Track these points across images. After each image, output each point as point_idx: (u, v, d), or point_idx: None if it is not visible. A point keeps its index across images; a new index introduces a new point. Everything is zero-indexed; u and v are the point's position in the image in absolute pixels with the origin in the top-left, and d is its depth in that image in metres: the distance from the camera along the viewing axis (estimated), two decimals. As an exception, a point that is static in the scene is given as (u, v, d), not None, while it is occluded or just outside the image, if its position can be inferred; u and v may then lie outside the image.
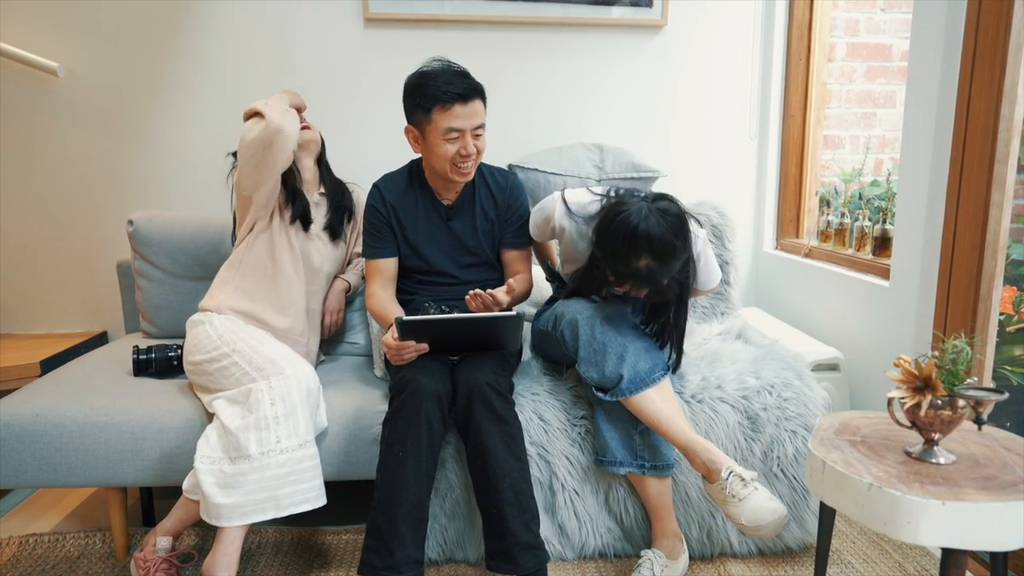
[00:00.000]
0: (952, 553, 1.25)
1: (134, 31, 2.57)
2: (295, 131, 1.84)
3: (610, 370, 1.68)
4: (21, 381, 2.18)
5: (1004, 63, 1.65)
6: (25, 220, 2.63)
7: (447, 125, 1.78)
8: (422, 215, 1.96)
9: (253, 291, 1.93)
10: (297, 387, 1.67)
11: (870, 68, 2.89)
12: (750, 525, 1.49)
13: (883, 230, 2.27)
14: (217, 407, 1.70)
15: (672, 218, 1.60)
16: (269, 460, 1.59)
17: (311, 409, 1.71)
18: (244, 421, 1.61)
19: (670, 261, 1.60)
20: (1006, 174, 1.69)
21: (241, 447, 1.58)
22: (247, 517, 1.58)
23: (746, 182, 2.91)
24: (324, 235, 2.06)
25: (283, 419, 1.62)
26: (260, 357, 1.73)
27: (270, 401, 1.63)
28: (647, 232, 1.56)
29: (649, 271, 1.59)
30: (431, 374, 1.68)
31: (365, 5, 2.61)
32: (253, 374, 1.70)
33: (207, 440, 1.64)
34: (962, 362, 1.26)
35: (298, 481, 1.62)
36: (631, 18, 2.71)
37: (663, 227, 1.58)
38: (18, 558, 1.89)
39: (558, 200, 1.85)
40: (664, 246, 1.57)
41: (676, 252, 1.60)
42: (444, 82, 1.77)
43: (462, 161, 1.82)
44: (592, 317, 1.73)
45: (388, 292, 1.95)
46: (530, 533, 1.63)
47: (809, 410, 1.85)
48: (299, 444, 1.63)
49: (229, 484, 1.58)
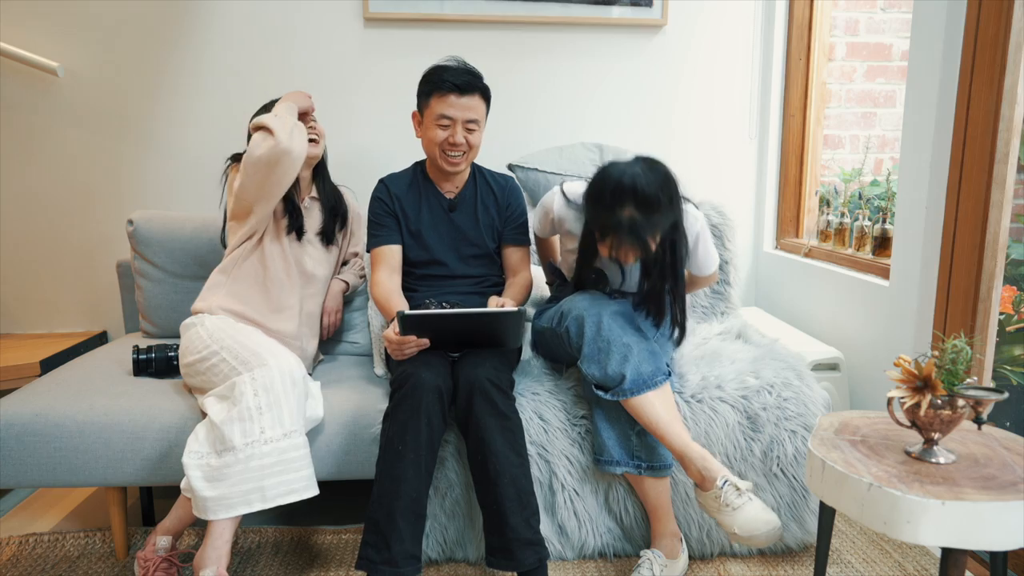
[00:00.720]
0: (952, 553, 1.25)
1: (134, 31, 2.57)
2: (303, 151, 1.81)
3: (613, 369, 1.68)
4: (21, 381, 2.18)
5: (1004, 63, 1.65)
6: (25, 220, 2.63)
7: (439, 111, 1.86)
8: (425, 207, 2.00)
9: (246, 296, 1.93)
10: (280, 378, 1.66)
11: (870, 68, 2.89)
12: (743, 535, 1.49)
13: (883, 230, 2.27)
14: (206, 404, 1.70)
15: (658, 173, 1.63)
16: (253, 451, 1.58)
17: (297, 399, 1.69)
18: (228, 414, 1.61)
19: (654, 214, 1.61)
20: (1006, 174, 1.69)
21: (226, 439, 1.58)
22: (233, 509, 1.58)
23: (746, 182, 2.91)
24: (316, 240, 2.05)
25: (266, 409, 1.62)
26: (245, 351, 1.73)
27: (253, 392, 1.63)
28: (632, 181, 1.60)
29: (632, 223, 1.61)
30: (432, 369, 1.68)
31: (365, 5, 2.61)
32: (239, 368, 1.70)
33: (196, 436, 1.65)
34: (962, 362, 1.26)
35: (284, 472, 1.61)
36: (631, 18, 2.71)
37: (648, 178, 1.61)
38: (18, 558, 1.89)
39: (557, 192, 1.90)
40: (648, 196, 1.60)
41: (659, 205, 1.61)
42: (450, 74, 1.87)
43: (450, 149, 1.90)
44: (598, 315, 1.73)
45: (393, 281, 1.96)
46: (530, 529, 1.64)
47: (809, 410, 1.85)
48: (284, 434, 1.62)
49: (215, 477, 1.58)
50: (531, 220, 2.06)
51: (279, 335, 1.93)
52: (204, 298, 1.94)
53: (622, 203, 1.61)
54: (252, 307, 1.92)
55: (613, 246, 1.67)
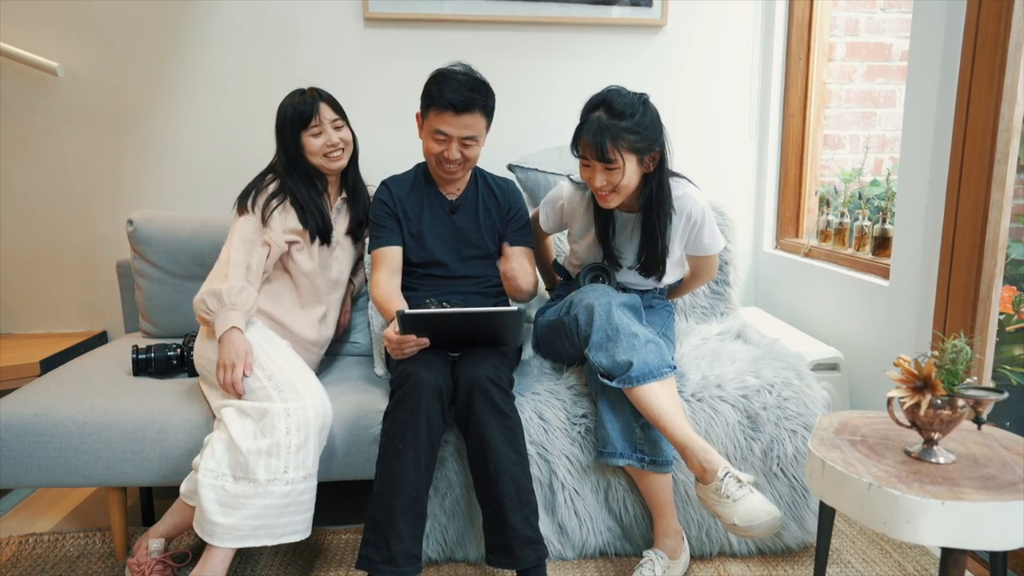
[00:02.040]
0: (952, 553, 1.25)
1: (134, 31, 2.57)
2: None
3: (621, 357, 1.69)
4: (21, 381, 2.18)
5: (1004, 62, 1.65)
6: (25, 220, 2.63)
7: (435, 127, 1.87)
8: (427, 208, 2.00)
9: (277, 296, 1.92)
10: (315, 419, 1.65)
11: (870, 68, 2.89)
12: (743, 525, 1.49)
13: (883, 230, 2.27)
14: (225, 416, 1.65)
15: (641, 99, 1.77)
16: (273, 489, 1.57)
17: (322, 442, 1.69)
18: (256, 443, 1.58)
19: (622, 120, 1.72)
20: (1006, 173, 1.69)
21: (249, 469, 1.56)
22: (241, 541, 1.57)
23: (746, 181, 2.91)
24: (345, 241, 2.06)
25: (295, 450, 1.60)
26: (282, 376, 1.69)
27: (286, 429, 1.60)
28: (608, 89, 1.78)
29: (600, 124, 1.72)
30: (431, 368, 1.68)
31: (365, 5, 2.61)
32: (272, 394, 1.66)
33: (213, 453, 1.60)
34: (962, 362, 1.25)
35: (295, 512, 1.61)
36: (631, 18, 2.71)
37: (628, 96, 1.75)
38: (18, 558, 1.89)
39: (564, 180, 2.01)
40: (618, 100, 1.73)
41: (629, 112, 1.72)
42: (450, 89, 1.83)
43: (445, 162, 1.90)
44: (608, 304, 1.75)
45: (393, 282, 1.96)
46: (530, 527, 1.64)
47: (809, 409, 1.85)
48: (304, 476, 1.62)
49: (229, 504, 1.56)
50: (540, 214, 2.08)
51: (303, 340, 1.93)
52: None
53: (596, 106, 1.76)
54: (282, 309, 1.91)
55: (584, 151, 1.77)
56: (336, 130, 1.94)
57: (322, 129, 1.91)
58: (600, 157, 1.73)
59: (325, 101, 1.93)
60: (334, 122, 1.94)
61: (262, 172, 1.98)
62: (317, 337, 1.98)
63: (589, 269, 1.97)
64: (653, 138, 1.77)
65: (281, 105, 1.94)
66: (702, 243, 1.95)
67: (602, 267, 1.97)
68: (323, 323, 2.01)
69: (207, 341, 1.79)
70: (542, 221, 2.08)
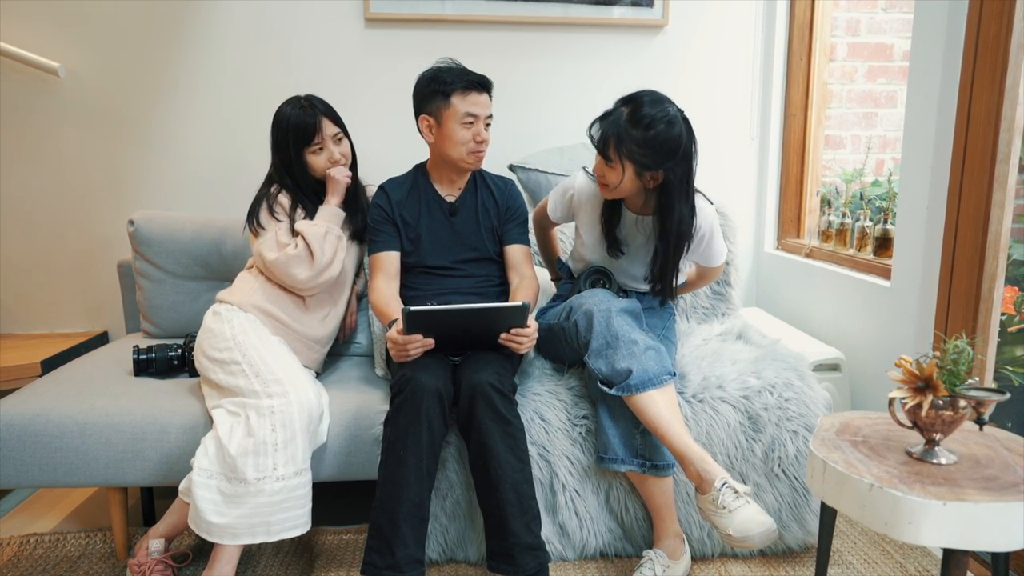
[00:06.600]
0: (953, 554, 1.24)
1: (135, 31, 2.57)
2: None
3: (620, 364, 1.68)
4: (21, 381, 2.18)
5: (1005, 63, 1.65)
6: (26, 220, 2.63)
7: (466, 109, 1.87)
8: (425, 211, 2.00)
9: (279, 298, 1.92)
10: (299, 413, 1.65)
11: (871, 68, 2.89)
12: (738, 536, 1.48)
13: (884, 230, 2.27)
14: (216, 417, 1.67)
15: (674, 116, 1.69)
16: (264, 487, 1.58)
17: (311, 435, 1.69)
18: (242, 444, 1.59)
19: (636, 128, 1.67)
20: (1007, 174, 1.69)
21: (238, 470, 1.57)
22: (237, 539, 1.58)
23: (747, 182, 2.91)
24: (350, 244, 2.06)
25: (282, 446, 1.60)
26: (267, 371, 1.70)
27: (271, 427, 1.61)
28: (646, 92, 1.73)
29: (616, 120, 1.69)
30: (432, 372, 1.68)
31: (365, 5, 2.61)
32: (257, 388, 1.67)
33: (206, 452, 1.62)
34: (963, 362, 1.25)
35: (290, 508, 1.62)
36: (632, 18, 2.71)
37: (661, 102, 1.70)
38: (18, 558, 1.89)
39: (579, 170, 1.98)
40: (645, 108, 1.67)
41: (647, 123, 1.66)
42: (465, 74, 1.89)
43: (478, 144, 1.91)
44: (608, 310, 1.74)
45: (391, 288, 1.96)
46: (531, 534, 1.63)
47: (810, 410, 1.84)
48: (295, 472, 1.62)
49: (223, 503, 1.58)
50: (548, 202, 2.06)
51: (305, 337, 1.93)
52: (238, 290, 1.92)
53: (626, 102, 1.72)
54: (283, 309, 1.91)
55: (599, 141, 1.73)
56: (337, 144, 1.97)
57: (324, 145, 1.94)
58: (600, 150, 1.74)
59: (325, 114, 1.94)
60: (335, 136, 1.96)
61: (263, 184, 1.99)
62: (321, 335, 1.98)
63: (590, 273, 1.97)
64: (659, 160, 1.69)
65: (278, 116, 1.94)
66: (707, 255, 1.95)
67: (603, 271, 1.96)
68: (327, 320, 2.01)
69: (214, 338, 1.80)
70: (550, 210, 2.05)
